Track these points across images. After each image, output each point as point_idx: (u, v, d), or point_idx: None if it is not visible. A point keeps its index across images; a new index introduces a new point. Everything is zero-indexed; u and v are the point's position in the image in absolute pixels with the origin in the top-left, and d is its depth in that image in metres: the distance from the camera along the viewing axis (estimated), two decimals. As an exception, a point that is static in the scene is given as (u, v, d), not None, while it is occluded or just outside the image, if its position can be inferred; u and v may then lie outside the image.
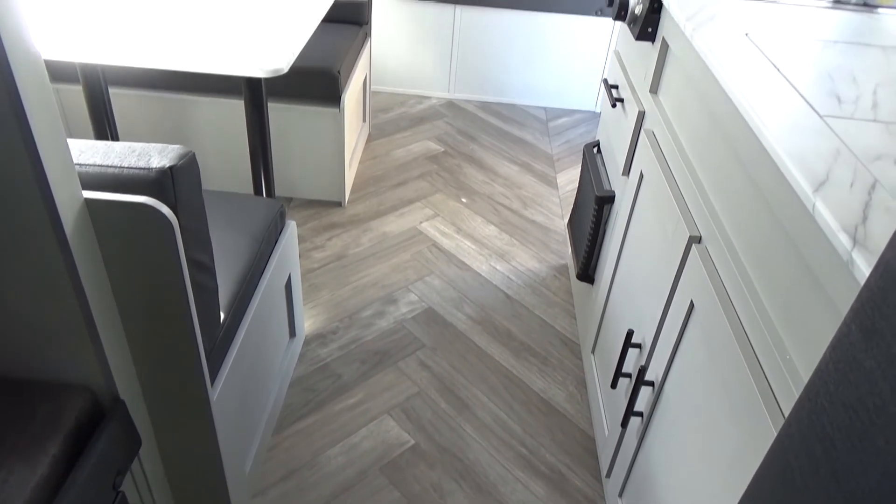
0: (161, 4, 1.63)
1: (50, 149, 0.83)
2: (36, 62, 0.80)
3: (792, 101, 0.97)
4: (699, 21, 1.25)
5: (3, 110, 0.80)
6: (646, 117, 1.47)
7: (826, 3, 1.43)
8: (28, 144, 0.81)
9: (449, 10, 3.02)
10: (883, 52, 1.20)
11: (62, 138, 0.85)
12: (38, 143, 0.81)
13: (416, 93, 3.26)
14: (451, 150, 2.84)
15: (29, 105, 0.81)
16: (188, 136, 2.32)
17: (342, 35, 2.42)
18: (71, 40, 1.42)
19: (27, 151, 0.81)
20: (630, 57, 1.66)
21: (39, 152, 0.81)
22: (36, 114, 0.82)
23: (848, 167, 0.82)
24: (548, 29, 3.04)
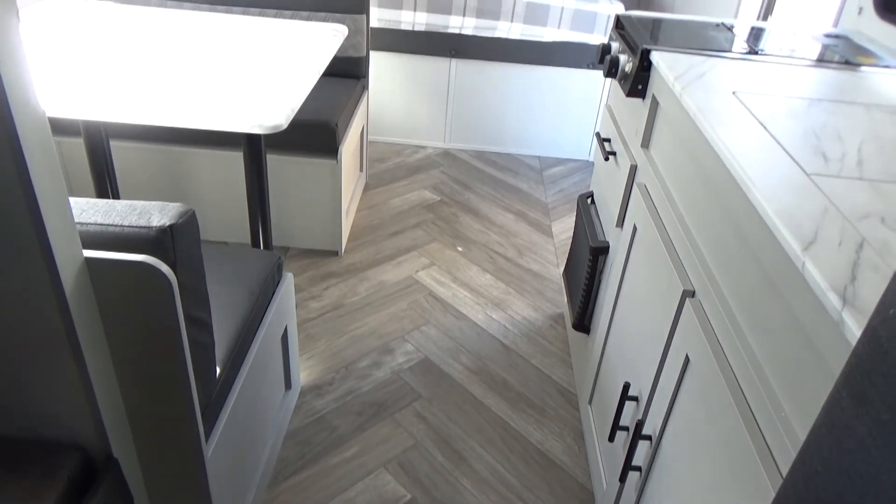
0: (161, 60, 1.67)
1: (52, 209, 0.84)
2: (40, 121, 0.82)
3: (779, 159, 1.00)
4: (687, 80, 1.28)
5: (7, 170, 0.82)
6: (638, 171, 1.49)
7: (810, 62, 1.47)
8: (31, 205, 0.82)
9: (444, 63, 3.09)
10: (866, 110, 1.23)
11: (64, 198, 0.87)
12: (40, 203, 0.83)
13: (412, 143, 3.31)
14: (447, 199, 2.87)
15: (32, 165, 0.83)
16: (187, 186, 2.34)
17: (340, 88, 2.47)
18: (73, 97, 1.45)
19: (29, 212, 0.82)
20: (621, 112, 1.70)
21: (42, 213, 0.83)
22: (39, 174, 0.83)
23: (836, 226, 0.84)
24: (541, 81, 3.11)
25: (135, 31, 1.86)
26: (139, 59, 1.67)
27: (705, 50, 1.47)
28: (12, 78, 0.78)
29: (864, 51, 1.59)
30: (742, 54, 1.48)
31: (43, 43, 1.74)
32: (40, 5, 1.99)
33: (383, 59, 3.08)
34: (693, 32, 1.61)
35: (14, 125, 0.80)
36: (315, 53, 1.78)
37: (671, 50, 1.46)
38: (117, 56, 1.69)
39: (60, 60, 1.63)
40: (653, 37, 1.56)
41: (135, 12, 2.02)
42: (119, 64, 1.64)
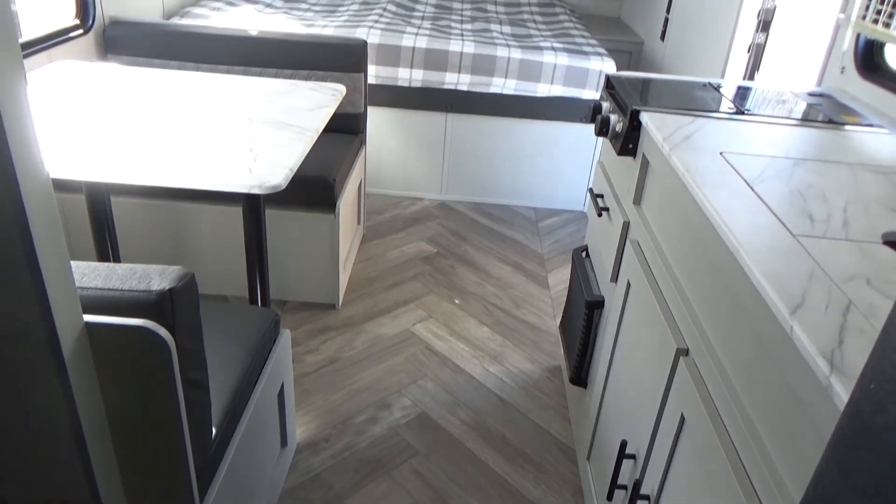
0: (163, 120, 1.71)
1: (54, 275, 0.86)
2: (45, 186, 0.84)
3: (767, 220, 1.02)
4: (676, 141, 1.32)
5: (10, 235, 0.83)
6: (630, 228, 1.52)
7: (795, 121, 1.52)
8: (33, 271, 0.84)
9: (441, 117, 3.16)
10: (850, 170, 1.27)
11: (66, 263, 0.88)
12: (42, 269, 0.84)
13: (409, 194, 3.36)
14: (444, 251, 2.90)
15: (36, 231, 0.84)
16: (187, 240, 2.36)
17: (339, 144, 2.52)
18: (77, 158, 1.48)
19: (31, 278, 0.84)
20: (614, 168, 1.74)
21: (44, 279, 0.84)
22: (42, 240, 0.85)
23: (822, 288, 0.85)
24: (535, 134, 3.18)
25: (138, 92, 1.91)
26: (142, 120, 1.71)
27: (693, 110, 1.51)
28: (19, 142, 0.80)
29: (848, 110, 1.64)
30: (729, 114, 1.52)
31: (49, 104, 1.78)
32: (48, 68, 2.05)
33: (381, 113, 3.15)
34: (681, 92, 1.66)
35: (19, 190, 0.82)
36: (314, 113, 1.83)
37: (660, 110, 1.50)
38: (121, 117, 1.73)
39: (65, 121, 1.67)
40: (642, 97, 1.60)
41: (138, 73, 2.07)
42: (122, 124, 1.68)
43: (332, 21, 3.24)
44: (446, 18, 3.64)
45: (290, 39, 2.55)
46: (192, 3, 3.31)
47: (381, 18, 3.34)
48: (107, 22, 2.53)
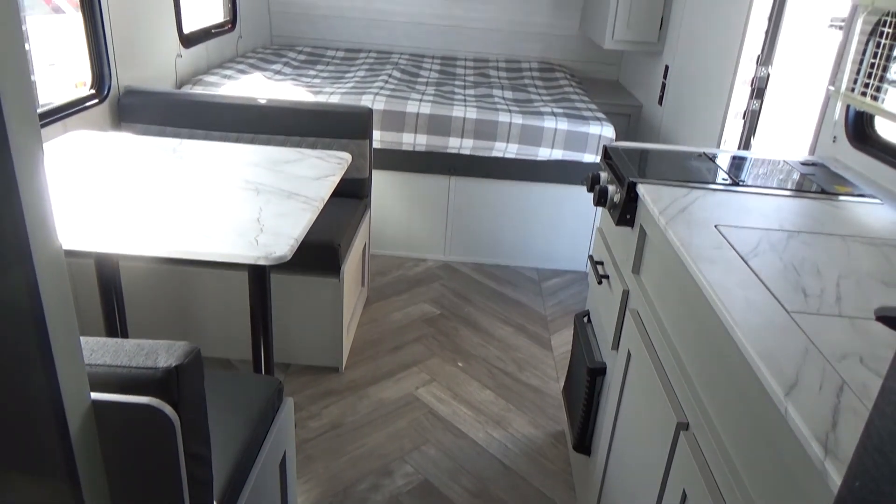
0: (172, 189, 1.76)
1: (64, 354, 0.88)
2: (59, 261, 0.86)
3: (761, 296, 1.04)
4: (671, 214, 1.36)
5: (23, 313, 0.86)
6: (630, 297, 1.54)
7: (788, 192, 1.55)
8: (43, 351, 0.86)
9: (444, 180, 3.22)
10: (843, 242, 1.29)
11: (76, 341, 0.91)
12: (53, 350, 0.86)
13: (413, 255, 3.39)
14: (447, 313, 2.91)
15: (48, 309, 0.86)
16: (192, 303, 2.39)
17: (344, 208, 2.57)
18: (89, 229, 1.52)
19: (42, 358, 0.86)
20: (613, 236, 1.77)
21: (54, 359, 0.86)
22: (53, 319, 0.87)
23: (816, 368, 0.87)
24: (537, 197, 3.23)
25: (150, 161, 1.97)
26: (153, 189, 1.76)
27: (688, 182, 1.55)
28: (35, 216, 0.83)
29: (841, 179, 1.68)
30: (724, 185, 1.56)
31: (63, 174, 1.84)
32: (63, 138, 2.12)
33: (385, 176, 3.21)
34: (677, 163, 1.71)
35: (33, 266, 0.84)
36: (320, 182, 1.88)
37: (656, 182, 1.54)
38: (133, 186, 1.78)
39: (78, 191, 1.72)
40: (638, 168, 1.65)
41: (150, 142, 2.14)
42: (134, 194, 1.72)
43: (338, 88, 3.34)
44: (450, 84, 3.75)
45: (297, 108, 2.64)
46: (204, 70, 3.43)
47: (387, 85, 3.44)
48: (121, 91, 2.63)
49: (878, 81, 1.72)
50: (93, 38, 2.48)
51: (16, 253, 0.85)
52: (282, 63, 3.86)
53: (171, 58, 3.08)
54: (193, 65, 3.34)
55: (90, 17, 2.46)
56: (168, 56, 3.05)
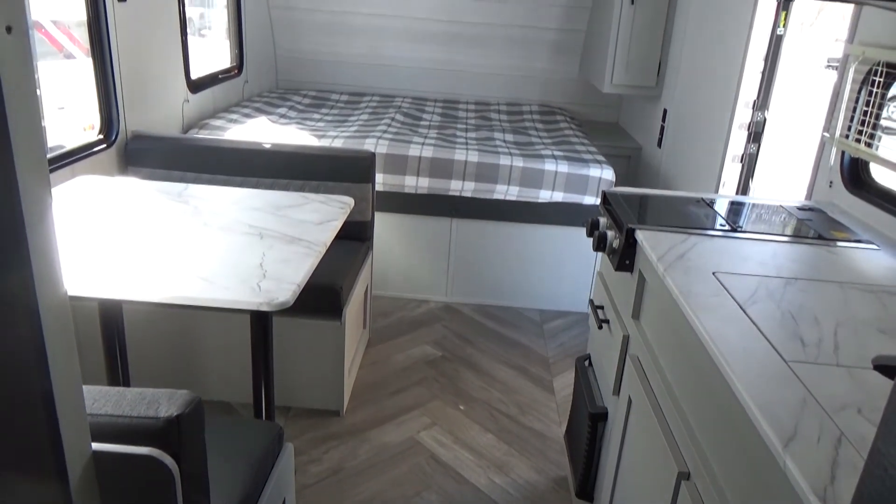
0: (176, 234, 1.78)
1: (67, 405, 0.88)
2: (64, 308, 0.87)
3: (759, 345, 1.05)
4: (670, 260, 1.37)
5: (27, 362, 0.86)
6: (630, 342, 1.54)
7: (786, 238, 1.57)
8: (47, 402, 0.87)
9: (445, 222, 3.25)
10: (840, 289, 1.30)
11: (79, 391, 0.91)
12: (56, 401, 0.87)
13: (415, 297, 3.40)
14: (449, 354, 2.91)
15: (52, 359, 0.87)
16: (194, 345, 2.39)
17: (346, 251, 2.59)
18: (93, 274, 1.54)
19: (45, 410, 0.87)
20: (613, 281, 1.78)
21: (57, 411, 0.87)
22: (57, 369, 0.87)
23: (815, 419, 0.87)
24: (538, 238, 3.25)
25: (155, 206, 2.00)
26: (158, 234, 1.78)
27: (686, 228, 1.57)
28: (42, 264, 0.84)
29: (837, 225, 1.70)
30: (721, 231, 1.58)
31: (70, 220, 1.86)
32: (71, 183, 2.15)
33: (388, 218, 3.24)
34: (675, 208, 1.73)
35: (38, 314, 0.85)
36: (322, 227, 1.90)
37: (654, 228, 1.56)
38: (138, 231, 1.80)
39: (84, 237, 1.75)
40: (636, 213, 1.67)
41: (156, 188, 2.17)
42: (139, 240, 1.75)
43: (342, 132, 3.40)
44: (451, 127, 3.81)
45: (301, 152, 2.68)
46: (210, 114, 3.49)
47: (390, 128, 3.50)
48: (129, 136, 2.68)
49: (871, 129, 1.75)
50: (102, 84, 2.54)
51: (22, 301, 0.86)
52: (287, 107, 3.93)
53: (179, 102, 3.15)
54: (200, 109, 3.40)
55: (100, 64, 2.52)
56: (175, 101, 3.11)
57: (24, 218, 0.82)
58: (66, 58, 4.57)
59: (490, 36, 4.51)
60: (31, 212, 0.82)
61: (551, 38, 4.52)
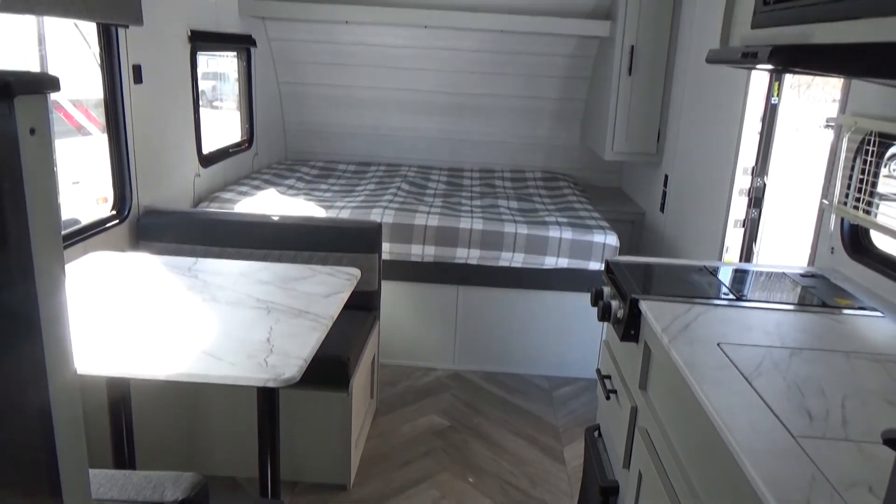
0: (185, 309, 1.81)
1: (72, 491, 0.88)
2: (73, 389, 0.87)
3: (766, 420, 1.05)
4: (674, 332, 1.37)
5: (33, 444, 0.87)
6: (638, 414, 1.53)
7: (790, 306, 1.58)
8: (53, 489, 0.87)
9: (452, 290, 3.27)
10: (847, 359, 1.30)
11: (85, 477, 0.92)
12: (62, 488, 0.87)
13: (422, 365, 3.39)
14: (458, 424, 2.87)
15: (60, 442, 0.87)
16: (200, 418, 2.38)
17: (353, 321, 2.60)
18: (102, 352, 1.56)
19: (51, 495, 0.86)
20: (619, 350, 1.78)
21: (63, 497, 0.87)
22: (64, 452, 0.88)
23: (824, 497, 0.86)
24: (544, 304, 3.26)
25: (165, 281, 2.03)
26: (167, 310, 1.81)
27: (690, 297, 1.58)
28: (53, 344, 0.85)
29: (841, 292, 1.70)
30: (725, 300, 1.58)
31: (81, 296, 1.89)
32: (83, 260, 2.19)
33: (394, 287, 3.26)
34: (678, 277, 1.74)
35: (48, 396, 0.86)
36: (329, 300, 1.92)
37: (658, 298, 1.57)
38: (147, 307, 1.82)
39: (94, 313, 1.77)
40: (640, 283, 1.68)
41: (166, 262, 2.21)
42: (148, 315, 1.77)
43: (349, 202, 3.46)
44: (457, 195, 3.88)
45: (308, 223, 2.73)
46: (221, 187, 3.57)
47: (396, 198, 3.57)
48: (141, 211, 2.74)
49: (868, 196, 1.78)
50: (117, 161, 2.62)
51: (31, 383, 0.88)
52: (295, 178, 4.02)
53: (190, 177, 3.23)
54: (211, 182, 3.48)
55: (116, 142, 2.60)
56: (187, 175, 3.20)
57: (37, 297, 0.84)
58: (83, 134, 4.72)
59: (493, 106, 4.64)
60: (46, 293, 0.84)
61: (553, 108, 4.64)
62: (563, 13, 4.04)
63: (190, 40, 3.13)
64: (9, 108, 0.70)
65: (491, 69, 4.43)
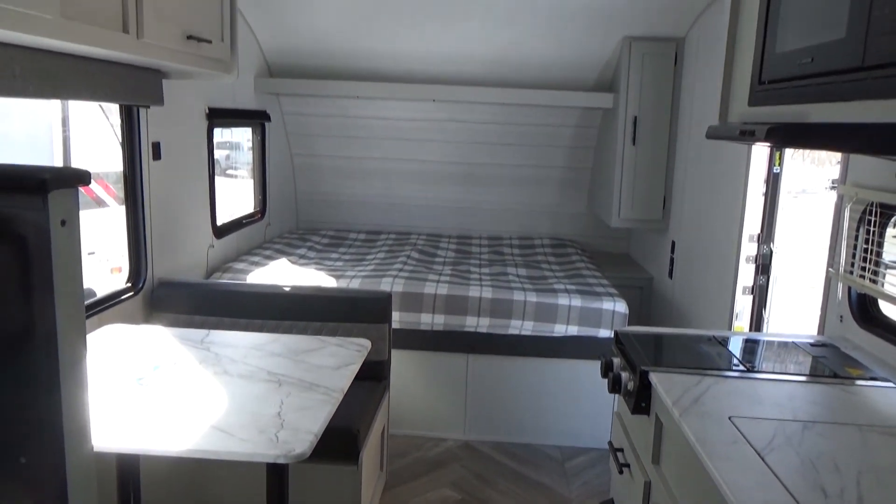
0: (196, 381, 1.82)
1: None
2: (89, 466, 0.89)
3: (780, 497, 1.04)
4: (685, 405, 1.37)
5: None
6: (652, 489, 1.51)
7: (802, 377, 1.57)
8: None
9: (462, 358, 3.26)
10: (860, 432, 1.29)
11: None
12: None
13: (432, 435, 3.34)
14: (469, 497, 2.81)
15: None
16: (208, 492, 2.35)
17: (363, 392, 2.59)
18: (114, 427, 1.56)
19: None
20: (630, 423, 1.77)
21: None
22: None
23: (843, 581, 0.85)
24: (555, 372, 3.24)
25: (178, 353, 2.05)
26: (179, 383, 1.82)
27: (701, 369, 1.58)
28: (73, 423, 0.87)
29: (852, 362, 1.70)
30: (736, 372, 1.58)
31: (93, 371, 1.91)
32: (97, 333, 2.22)
33: (404, 356, 3.26)
34: (687, 348, 1.75)
35: (66, 473, 0.87)
36: (340, 372, 1.93)
37: (668, 370, 1.57)
38: (159, 381, 1.84)
39: (105, 387, 1.78)
40: (649, 354, 1.69)
41: (179, 335, 2.24)
42: (160, 389, 1.78)
43: (360, 271, 3.50)
44: (465, 263, 3.92)
45: (319, 294, 2.76)
46: (233, 258, 3.63)
47: (406, 267, 3.61)
48: (155, 283, 2.78)
49: (873, 265, 1.80)
50: (134, 235, 2.68)
51: (49, 457, 0.89)
52: (306, 247, 4.08)
53: (204, 248, 3.29)
54: (224, 253, 3.54)
55: (133, 216, 2.67)
56: (201, 247, 3.26)
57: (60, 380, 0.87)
58: (99, 205, 4.84)
59: (500, 175, 4.73)
60: (68, 374, 0.87)
61: (559, 176, 4.72)
62: (568, 86, 4.17)
63: (207, 117, 3.25)
64: (43, 201, 0.74)
65: (498, 140, 4.54)
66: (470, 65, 4.06)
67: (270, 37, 3.96)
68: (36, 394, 0.88)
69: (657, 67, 3.80)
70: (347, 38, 3.89)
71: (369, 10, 3.59)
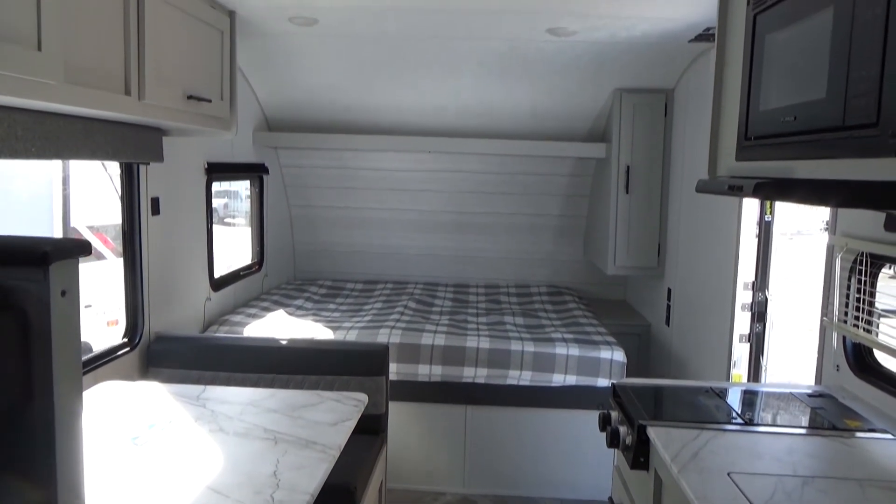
0: (192, 444, 1.80)
1: None
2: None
3: (781, 558, 1.02)
4: (683, 460, 1.37)
5: None
6: (653, 547, 1.49)
7: (800, 430, 1.57)
8: None
9: (460, 409, 3.24)
10: (860, 487, 1.28)
11: None
12: None
13: (431, 489, 3.29)
14: (469, 554, 2.75)
15: None
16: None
17: (360, 446, 2.56)
18: (102, 491, 1.54)
19: None
20: (630, 477, 1.75)
21: None
22: None
23: None
24: (554, 423, 3.21)
25: (173, 411, 2.03)
26: (174, 444, 1.80)
27: (699, 422, 1.58)
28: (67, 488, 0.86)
29: (850, 412, 1.70)
30: (734, 425, 1.58)
31: (88, 430, 1.89)
32: (93, 390, 2.21)
33: (401, 407, 3.23)
34: (685, 400, 1.75)
35: None
36: (336, 428, 1.92)
37: (666, 424, 1.57)
38: (154, 441, 1.82)
39: (98, 447, 1.77)
40: (647, 407, 1.68)
41: (175, 391, 2.22)
42: (155, 450, 1.76)
43: (356, 322, 3.50)
44: (463, 312, 3.92)
45: (316, 347, 2.76)
46: (231, 310, 3.63)
47: (402, 317, 3.60)
48: (152, 338, 2.78)
49: (866, 315, 1.81)
50: (131, 290, 2.69)
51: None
52: (304, 298, 4.09)
53: (201, 301, 3.29)
54: (221, 305, 3.54)
55: (131, 271, 2.68)
56: (198, 300, 3.26)
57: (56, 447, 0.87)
58: (97, 259, 4.86)
59: (496, 224, 4.77)
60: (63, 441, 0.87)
61: (555, 224, 4.77)
62: (561, 137, 4.25)
63: (206, 172, 3.29)
64: (44, 274, 0.76)
65: (493, 189, 4.60)
66: (464, 117, 4.15)
67: (269, 93, 4.04)
68: (33, 456, 0.88)
69: (648, 118, 3.88)
70: (344, 93, 3.97)
71: (366, 68, 3.68)
